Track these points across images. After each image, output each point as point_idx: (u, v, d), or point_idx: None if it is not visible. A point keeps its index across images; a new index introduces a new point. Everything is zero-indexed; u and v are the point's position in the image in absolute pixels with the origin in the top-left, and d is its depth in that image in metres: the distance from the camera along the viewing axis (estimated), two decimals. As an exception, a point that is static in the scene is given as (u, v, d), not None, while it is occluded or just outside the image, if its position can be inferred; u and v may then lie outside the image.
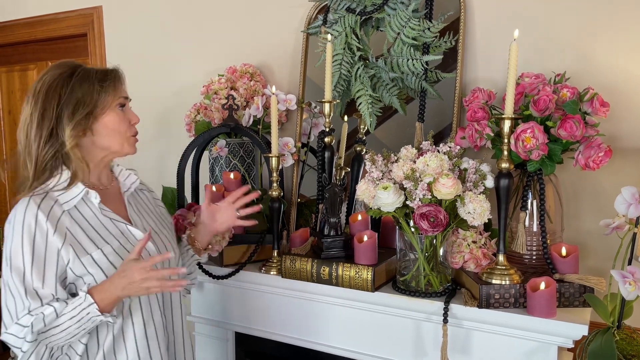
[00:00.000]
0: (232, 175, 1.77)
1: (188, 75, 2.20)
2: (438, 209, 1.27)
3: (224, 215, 1.49)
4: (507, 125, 1.27)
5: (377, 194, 1.34)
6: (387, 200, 1.32)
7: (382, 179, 1.39)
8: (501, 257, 1.34)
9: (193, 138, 1.80)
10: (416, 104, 1.69)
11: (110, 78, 1.28)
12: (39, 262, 1.16)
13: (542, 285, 1.26)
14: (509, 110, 1.27)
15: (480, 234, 1.43)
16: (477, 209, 1.28)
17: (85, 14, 2.41)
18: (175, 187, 1.77)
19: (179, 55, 2.22)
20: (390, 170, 1.40)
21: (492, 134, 1.35)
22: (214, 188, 1.75)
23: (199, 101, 1.93)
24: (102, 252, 1.22)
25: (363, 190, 1.41)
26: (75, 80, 1.24)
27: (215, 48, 2.12)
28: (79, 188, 1.24)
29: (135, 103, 2.40)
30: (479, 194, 1.30)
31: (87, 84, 1.25)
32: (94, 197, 1.26)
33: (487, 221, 1.30)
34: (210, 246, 1.55)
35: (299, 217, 1.89)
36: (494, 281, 1.32)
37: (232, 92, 1.82)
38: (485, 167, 1.36)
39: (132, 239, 1.28)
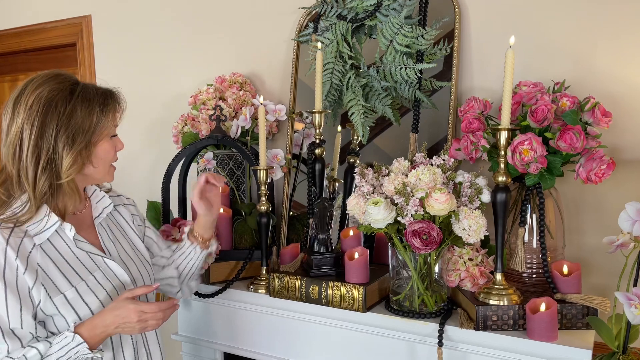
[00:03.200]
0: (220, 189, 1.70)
1: (178, 85, 2.14)
2: (431, 226, 1.20)
3: (213, 197, 1.40)
4: (503, 136, 1.21)
5: (367, 209, 1.27)
6: (377, 216, 1.25)
7: (373, 193, 1.33)
8: (499, 276, 1.26)
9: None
10: (410, 114, 1.62)
11: (112, 102, 1.19)
12: (13, 300, 1.07)
13: (543, 307, 1.18)
14: (505, 120, 1.20)
15: (477, 251, 1.36)
16: (472, 226, 1.21)
17: (74, 24, 2.36)
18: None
19: (169, 65, 2.17)
20: (381, 184, 1.33)
21: (488, 146, 1.28)
22: (200, 202, 1.68)
23: (187, 112, 1.86)
24: (76, 290, 1.14)
25: (353, 205, 1.34)
26: (77, 101, 1.13)
27: (205, 57, 2.07)
28: (52, 219, 1.15)
29: (124, 115, 2.36)
30: (475, 210, 1.23)
31: (89, 106, 1.14)
32: (69, 230, 1.17)
33: (483, 238, 1.23)
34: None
35: (290, 231, 1.82)
36: (491, 302, 1.24)
37: (220, 103, 1.76)
38: (481, 181, 1.29)
39: (110, 274, 1.21)
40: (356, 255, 1.40)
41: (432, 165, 1.30)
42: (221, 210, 1.66)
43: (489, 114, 1.39)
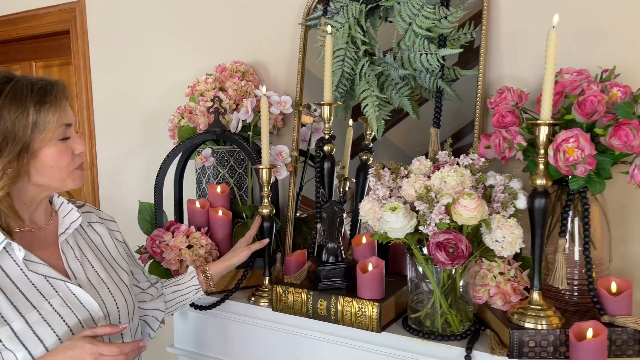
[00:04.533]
0: (219, 189, 1.55)
1: (176, 75, 1.98)
2: (459, 237, 1.03)
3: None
4: (543, 132, 1.03)
5: (383, 215, 1.10)
6: (395, 225, 1.08)
7: (390, 197, 1.16)
8: (536, 295, 1.09)
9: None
10: (430, 106, 1.45)
11: (51, 99, 0.98)
12: None
13: (590, 333, 1.01)
14: (546, 113, 1.02)
15: (509, 264, 1.18)
16: (507, 237, 1.03)
17: (67, 9, 2.20)
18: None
19: (167, 54, 2.01)
20: (400, 187, 1.16)
21: (524, 144, 1.10)
22: (197, 203, 1.52)
23: (184, 104, 1.70)
24: (25, 321, 0.96)
25: (367, 210, 1.17)
26: (5, 102, 0.95)
27: (205, 45, 1.90)
28: None
29: (120, 107, 2.21)
30: (509, 218, 1.06)
31: (19, 107, 0.95)
32: (18, 250, 1.00)
33: (519, 251, 1.06)
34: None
35: (297, 235, 1.66)
36: (527, 324, 1.07)
37: (220, 94, 1.59)
38: (515, 184, 1.11)
39: (73, 301, 1.03)
40: (370, 267, 1.23)
41: (459, 165, 1.13)
42: (220, 213, 1.50)
43: (524, 106, 1.21)
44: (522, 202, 1.09)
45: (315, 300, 1.27)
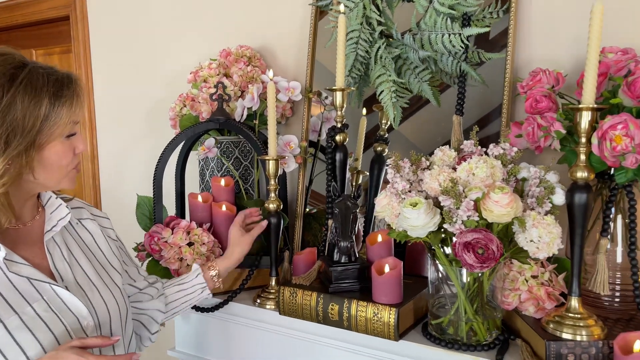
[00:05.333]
0: (222, 182, 1.44)
1: (180, 62, 1.87)
2: (489, 237, 0.91)
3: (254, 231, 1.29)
4: (585, 118, 0.91)
5: (402, 212, 0.99)
6: (416, 222, 0.96)
7: (409, 191, 1.04)
8: (575, 301, 0.97)
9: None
10: (451, 94, 1.33)
11: (68, 93, 0.91)
12: None
13: (638, 345, 0.89)
14: (589, 97, 0.90)
15: (542, 266, 1.06)
16: (544, 236, 0.91)
17: (67, -7, 2.10)
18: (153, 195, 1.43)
19: (171, 39, 1.90)
20: (421, 180, 1.05)
21: (564, 131, 0.98)
22: (199, 197, 1.42)
23: (187, 91, 1.59)
24: (4, 327, 0.86)
25: (384, 205, 1.06)
26: (19, 90, 0.86)
27: (211, 29, 1.79)
28: None
29: (122, 96, 2.11)
30: (546, 215, 0.94)
31: (34, 97, 0.87)
32: None
33: (557, 253, 0.94)
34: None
35: (307, 231, 1.55)
36: (565, 334, 0.95)
37: (224, 80, 1.48)
38: (552, 177, 0.99)
39: (59, 305, 0.92)
40: (387, 269, 1.12)
41: (488, 155, 1.00)
42: (223, 208, 1.39)
43: (560, 90, 1.09)
44: (559, 197, 0.97)
45: (326, 304, 1.15)
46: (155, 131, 1.97)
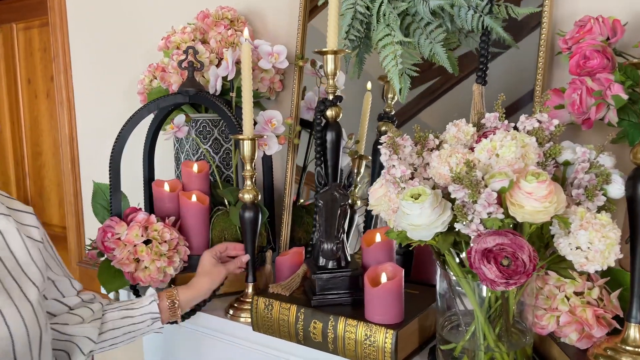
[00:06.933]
0: (195, 167, 1.21)
1: (162, 29, 1.63)
2: (518, 243, 0.65)
3: (229, 266, 1.08)
4: (658, 78, 0.64)
5: (401, 206, 0.74)
6: (418, 220, 0.71)
7: (412, 178, 0.79)
8: (634, 331, 0.71)
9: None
10: (471, 58, 1.07)
11: None
12: None
13: (384, 277, 0.63)
14: (664, 48, 0.63)
15: (590, 279, 0.80)
16: (595, 243, 0.65)
17: (41, -43, 1.89)
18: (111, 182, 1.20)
19: (152, 5, 1.67)
20: (427, 164, 0.79)
21: (625, 96, 0.71)
22: (166, 185, 1.19)
23: (159, 61, 1.36)
24: None
25: (379, 197, 0.81)
26: None
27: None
28: None
29: (102, 72, 1.89)
30: (598, 213, 0.68)
31: None
32: None
33: (613, 264, 0.68)
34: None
35: (298, 227, 1.31)
36: (622, 376, 0.70)
37: (199, 46, 1.24)
38: (606, 160, 0.73)
39: None
40: (383, 279, 0.87)
41: (517, 130, 0.75)
42: (194, 198, 1.16)
43: (616, 46, 0.82)
44: (617, 188, 0.71)
45: (307, 321, 0.91)
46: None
